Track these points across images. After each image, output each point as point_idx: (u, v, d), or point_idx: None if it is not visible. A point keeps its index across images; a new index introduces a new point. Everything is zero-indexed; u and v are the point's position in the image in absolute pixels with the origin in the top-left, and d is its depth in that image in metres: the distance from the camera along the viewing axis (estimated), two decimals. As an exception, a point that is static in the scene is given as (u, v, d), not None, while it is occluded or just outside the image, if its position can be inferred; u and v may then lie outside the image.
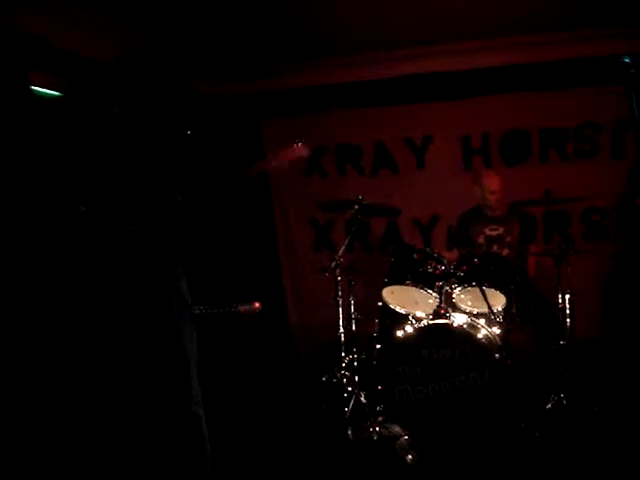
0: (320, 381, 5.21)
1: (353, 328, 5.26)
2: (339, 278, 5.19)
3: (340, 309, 5.22)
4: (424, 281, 4.82)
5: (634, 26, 5.75)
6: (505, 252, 5.38)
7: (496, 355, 4.29)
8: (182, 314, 3.15)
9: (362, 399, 4.87)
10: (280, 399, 5.29)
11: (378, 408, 4.63)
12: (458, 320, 4.52)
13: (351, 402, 4.89)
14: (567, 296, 4.81)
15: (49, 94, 4.88)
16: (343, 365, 5.12)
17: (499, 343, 4.41)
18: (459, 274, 4.76)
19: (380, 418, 4.59)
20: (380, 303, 5.01)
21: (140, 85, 3.12)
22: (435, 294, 4.74)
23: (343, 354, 5.16)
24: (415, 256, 4.93)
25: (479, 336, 4.40)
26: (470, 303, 4.79)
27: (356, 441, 4.54)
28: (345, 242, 5.26)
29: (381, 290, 4.99)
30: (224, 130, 6.84)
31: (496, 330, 4.55)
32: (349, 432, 4.68)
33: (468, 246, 5.50)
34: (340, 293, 5.21)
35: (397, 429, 4.49)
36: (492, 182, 5.53)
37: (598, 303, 5.75)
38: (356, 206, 5.19)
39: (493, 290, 4.70)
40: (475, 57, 6.40)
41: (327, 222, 6.99)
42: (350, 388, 4.99)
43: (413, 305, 4.88)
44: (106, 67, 4.46)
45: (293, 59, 6.60)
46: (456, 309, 4.74)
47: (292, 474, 4.08)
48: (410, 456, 4.18)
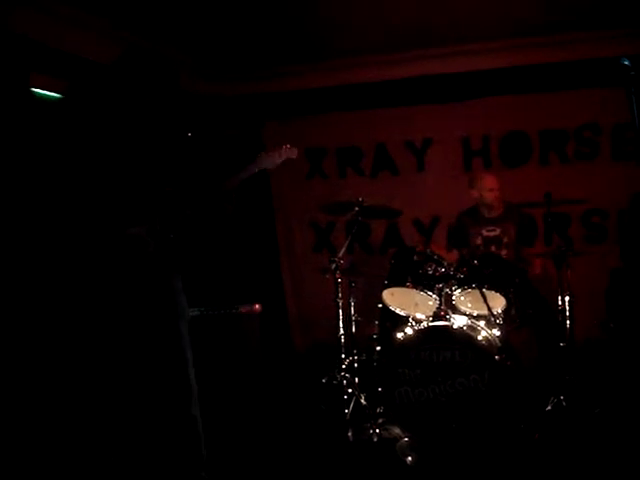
0: (320, 383, 5.21)
1: (353, 330, 5.26)
2: (339, 280, 5.19)
3: (340, 311, 5.22)
4: (424, 283, 4.82)
5: (634, 28, 5.76)
6: (503, 253, 5.38)
7: (496, 357, 4.29)
8: (180, 315, 3.15)
9: (362, 401, 4.87)
10: (280, 401, 5.28)
11: (378, 410, 4.64)
12: (458, 322, 4.52)
13: (351, 404, 4.89)
14: (567, 298, 4.81)
15: (50, 96, 4.89)
16: (343, 367, 5.11)
17: (499, 345, 4.41)
18: (459, 276, 4.76)
19: (380, 420, 4.59)
20: (380, 305, 5.01)
21: (137, 85, 3.12)
22: (435, 296, 4.74)
23: (343, 356, 5.16)
24: (415, 258, 4.93)
25: (479, 338, 4.40)
26: (470, 305, 4.79)
27: (356, 443, 4.54)
28: (345, 244, 5.25)
29: (381, 292, 4.99)
30: (225, 131, 6.84)
31: (496, 332, 4.55)
32: (349, 434, 4.67)
33: (466, 246, 5.51)
34: (340, 295, 5.20)
35: (397, 431, 4.49)
36: (489, 180, 5.54)
37: (598, 305, 5.74)
38: (356, 208, 5.20)
39: (493, 292, 4.70)
40: (475, 59, 6.41)
41: (327, 224, 6.99)
42: (350, 390, 4.98)
43: (413, 307, 4.88)
44: (104, 68, 4.49)
45: (294, 61, 6.61)
46: (456, 311, 4.74)
47: (292, 476, 4.07)
48: (410, 458, 4.17)
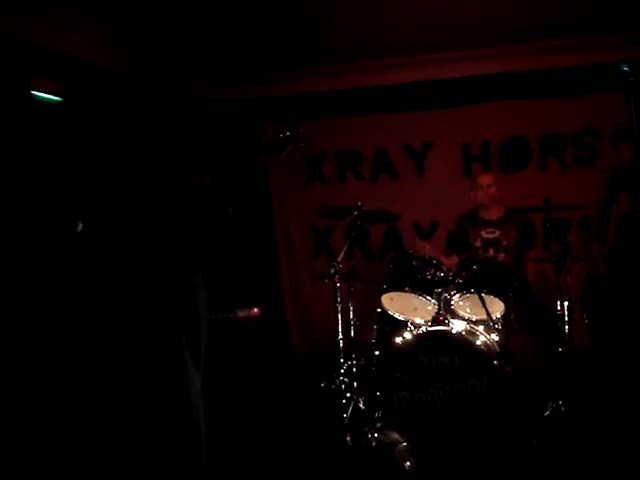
0: (319, 387, 5.21)
1: (352, 334, 5.26)
2: (338, 284, 5.19)
3: (339, 315, 5.22)
4: (423, 288, 4.83)
5: (634, 34, 5.76)
6: (502, 256, 5.38)
7: (494, 362, 4.29)
8: (188, 324, 3.13)
9: (361, 405, 4.87)
10: (278, 405, 5.28)
11: (377, 414, 4.63)
12: (457, 327, 4.52)
13: (350, 408, 4.88)
14: (566, 303, 4.81)
15: (50, 99, 4.89)
16: (342, 371, 5.11)
17: (497, 350, 4.41)
18: (458, 281, 4.76)
19: (378, 424, 4.59)
20: (379, 309, 5.01)
21: (149, 90, 3.13)
22: (434, 301, 4.74)
23: (342, 360, 5.16)
24: (414, 263, 4.93)
25: (477, 343, 4.40)
26: (469, 310, 4.79)
27: (354, 447, 4.53)
28: (344, 248, 5.26)
29: (380, 296, 5.00)
30: (225, 135, 6.84)
31: (494, 337, 4.55)
32: (348, 438, 4.67)
33: (466, 250, 5.51)
34: (339, 299, 5.21)
35: (395, 436, 4.49)
36: (485, 178, 5.56)
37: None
38: (356, 212, 5.20)
39: (492, 297, 4.70)
40: (475, 64, 6.42)
41: (326, 228, 6.99)
42: (349, 394, 4.98)
43: (412, 312, 4.88)
44: (114, 72, 4.49)
45: (294, 65, 6.62)
46: (455, 316, 4.74)
47: (290, 480, 4.08)
48: (408, 463, 4.17)
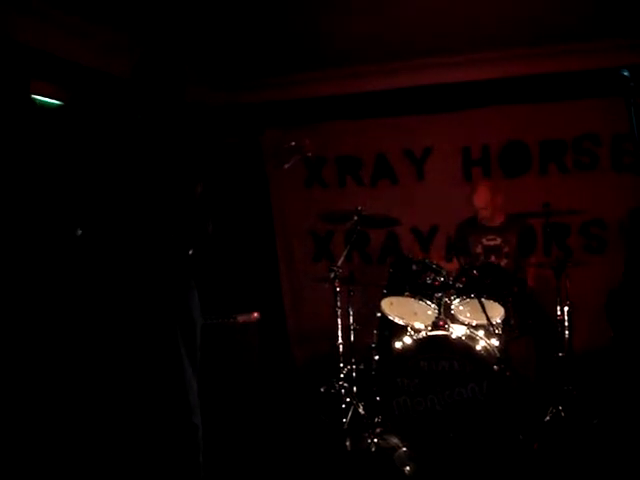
0: (318, 392, 5.20)
1: (352, 339, 5.26)
2: (338, 289, 5.19)
3: (339, 320, 5.22)
4: (423, 292, 4.82)
5: (634, 39, 5.77)
6: (503, 263, 5.37)
7: (494, 367, 4.29)
8: (184, 326, 3.14)
9: (360, 410, 4.87)
10: (278, 409, 5.28)
11: (376, 419, 4.62)
12: (457, 332, 4.51)
13: (349, 413, 4.88)
14: (566, 308, 4.81)
15: (50, 103, 4.90)
16: (341, 376, 5.11)
17: (497, 355, 4.40)
18: (458, 285, 4.75)
19: (378, 429, 4.58)
20: (379, 314, 5.00)
21: (152, 93, 3.14)
22: (434, 305, 4.73)
23: (342, 365, 5.15)
24: (414, 267, 4.93)
25: (478, 348, 4.39)
26: (469, 315, 4.79)
27: (354, 452, 4.53)
28: (344, 253, 5.26)
29: (380, 301, 4.99)
30: (224, 139, 6.85)
31: (495, 342, 4.55)
32: (347, 443, 4.67)
33: (467, 256, 5.50)
34: (339, 304, 5.21)
35: (395, 440, 4.48)
36: (480, 198, 5.54)
37: (597, 315, 5.73)
38: (355, 217, 5.20)
39: (492, 302, 4.69)
40: (475, 69, 6.42)
41: (326, 233, 6.98)
42: (348, 399, 4.98)
43: (412, 316, 4.87)
44: (114, 77, 4.49)
45: (294, 70, 6.62)
46: (455, 320, 4.73)
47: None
48: (408, 468, 4.17)
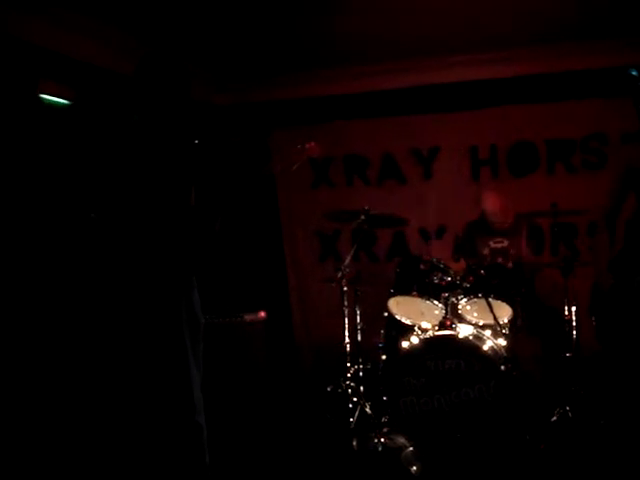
0: (325, 391, 5.21)
1: (359, 338, 5.26)
2: (345, 288, 5.20)
3: (346, 319, 5.23)
4: (430, 292, 4.82)
5: (642, 38, 5.76)
6: (510, 265, 5.36)
7: (501, 367, 4.28)
8: (189, 324, 3.15)
9: (367, 410, 4.87)
10: (285, 409, 5.28)
11: (383, 419, 4.62)
12: (464, 331, 4.51)
13: (356, 413, 4.88)
14: (573, 308, 4.80)
15: (58, 102, 4.91)
16: (348, 375, 5.11)
17: (505, 355, 4.40)
18: (465, 285, 4.75)
19: (385, 429, 4.57)
20: (386, 314, 5.00)
21: (156, 93, 3.14)
22: (441, 305, 4.73)
23: (348, 364, 5.16)
24: (421, 267, 4.92)
25: (485, 348, 4.39)
26: (476, 314, 4.78)
27: (361, 452, 4.53)
28: (351, 252, 5.26)
29: (387, 301, 4.99)
30: (233, 138, 6.86)
31: (502, 342, 4.54)
32: (354, 443, 4.67)
33: (473, 256, 5.50)
34: (346, 303, 5.21)
35: (402, 440, 4.48)
36: (489, 204, 5.54)
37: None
38: (362, 216, 5.20)
39: (499, 301, 4.70)
40: (483, 68, 6.41)
41: (333, 232, 6.98)
42: (355, 399, 4.98)
43: (419, 316, 4.87)
44: (123, 76, 4.50)
45: (301, 69, 6.62)
46: (462, 320, 4.73)
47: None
48: (415, 467, 4.17)
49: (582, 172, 6.36)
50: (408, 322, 4.89)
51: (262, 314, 5.19)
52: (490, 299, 4.55)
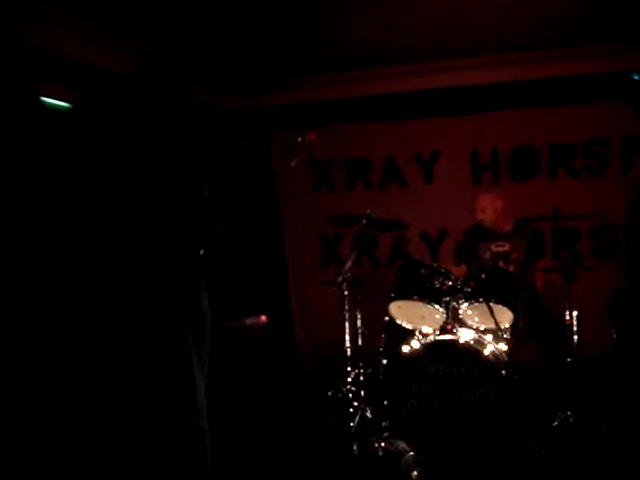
0: (326, 396, 5.20)
1: (359, 343, 5.26)
2: (346, 292, 5.19)
3: (347, 323, 5.22)
4: (431, 296, 4.80)
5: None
6: (511, 269, 5.36)
7: (503, 372, 4.27)
8: (194, 327, 3.14)
9: (368, 414, 4.85)
10: (285, 413, 5.27)
11: (384, 424, 4.61)
12: (465, 336, 4.50)
13: (357, 417, 4.87)
14: (575, 313, 4.78)
15: (60, 105, 4.91)
16: (349, 380, 5.11)
17: (506, 360, 4.38)
18: (466, 290, 4.74)
19: (386, 434, 4.56)
20: (387, 318, 4.99)
21: (155, 94, 3.14)
22: (442, 309, 4.72)
23: (349, 369, 5.15)
24: (422, 271, 4.92)
25: (486, 352, 4.37)
26: (477, 319, 4.77)
27: (361, 456, 4.52)
28: (352, 256, 5.26)
29: (388, 305, 4.98)
30: (233, 141, 6.86)
31: (503, 346, 4.52)
32: (354, 447, 4.65)
33: (474, 261, 5.49)
34: (347, 307, 5.21)
35: (403, 445, 4.46)
36: (482, 200, 5.53)
37: (606, 320, 5.71)
38: (364, 220, 5.20)
39: (500, 306, 4.68)
40: (484, 72, 6.42)
41: (335, 236, 6.98)
42: (356, 403, 4.97)
43: (420, 320, 4.86)
44: (125, 79, 4.51)
45: (303, 72, 6.64)
46: (463, 325, 4.72)
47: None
48: (415, 472, 4.15)
49: (584, 176, 6.36)
50: (409, 326, 4.88)
51: (263, 318, 5.19)
52: (491, 304, 4.53)
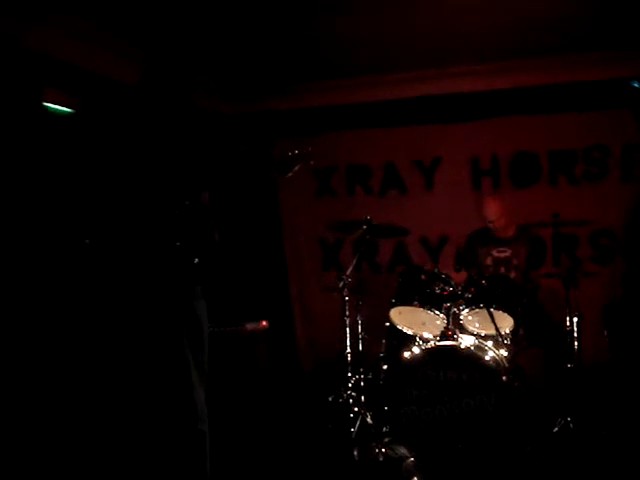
0: (326, 401, 5.20)
1: (360, 348, 5.26)
2: (347, 298, 5.20)
3: (347, 329, 5.23)
4: (432, 302, 4.82)
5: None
6: (512, 275, 5.37)
7: (503, 378, 4.27)
8: (192, 333, 3.14)
9: (368, 420, 4.86)
10: (286, 418, 5.27)
11: (384, 429, 4.61)
12: (465, 342, 4.51)
13: (357, 422, 4.87)
14: (575, 319, 4.79)
15: (63, 111, 4.93)
16: (349, 385, 5.11)
17: (506, 365, 4.39)
18: (467, 295, 4.75)
19: (386, 439, 4.57)
20: (387, 323, 5.00)
21: (160, 101, 3.15)
22: (443, 315, 4.73)
23: (350, 374, 5.15)
24: (423, 277, 4.92)
25: (486, 358, 4.38)
26: (478, 325, 4.78)
27: (362, 462, 4.52)
28: (353, 262, 5.27)
29: (389, 310, 4.99)
30: (239, 147, 6.87)
31: (503, 352, 4.53)
32: (355, 453, 4.65)
33: (475, 267, 5.50)
34: (347, 313, 5.21)
35: (403, 450, 4.47)
36: (489, 211, 5.54)
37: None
38: (364, 226, 5.21)
39: (501, 312, 4.69)
40: (485, 79, 6.43)
41: (335, 242, 6.99)
42: (356, 408, 4.97)
43: (420, 326, 4.87)
44: (128, 86, 4.53)
45: (304, 79, 6.65)
46: (463, 331, 4.73)
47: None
48: (416, 478, 4.16)
49: (584, 183, 6.37)
50: (410, 332, 4.89)
51: (264, 323, 5.20)
52: (492, 310, 4.55)
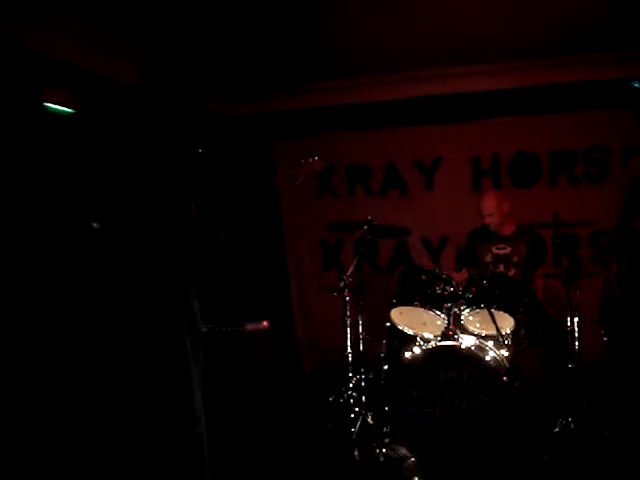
0: (327, 401, 5.20)
1: (361, 348, 5.25)
2: (347, 298, 5.19)
3: (348, 329, 5.22)
4: (432, 302, 4.82)
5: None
6: (512, 272, 5.37)
7: (504, 378, 4.27)
8: (191, 333, 3.15)
9: (369, 420, 4.85)
10: (286, 419, 5.27)
11: (385, 429, 4.61)
12: (466, 342, 4.50)
13: (358, 423, 4.86)
14: (576, 319, 4.79)
15: (63, 111, 4.93)
16: (350, 385, 5.11)
17: (507, 366, 4.39)
18: (468, 296, 4.75)
19: (387, 439, 4.57)
20: (388, 324, 4.99)
21: (160, 102, 3.15)
22: (443, 315, 4.73)
23: (350, 374, 5.15)
24: (423, 277, 4.92)
25: (487, 358, 4.38)
26: (478, 325, 4.78)
27: (362, 462, 4.52)
28: (354, 262, 5.27)
29: (389, 311, 4.98)
30: (236, 148, 6.88)
31: (504, 353, 4.53)
32: (355, 453, 4.65)
33: (475, 265, 5.50)
34: (348, 313, 5.21)
35: (404, 451, 4.47)
36: (488, 205, 5.53)
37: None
38: (365, 226, 5.21)
39: (502, 312, 4.68)
40: (485, 79, 6.44)
41: (336, 242, 7.00)
42: (357, 409, 4.97)
43: (421, 326, 4.87)
44: (128, 86, 4.53)
45: (305, 80, 6.65)
46: (464, 331, 4.72)
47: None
48: (416, 478, 4.15)
49: (584, 183, 6.38)
50: (410, 332, 4.88)
51: (264, 323, 5.19)
52: (492, 310, 4.54)
